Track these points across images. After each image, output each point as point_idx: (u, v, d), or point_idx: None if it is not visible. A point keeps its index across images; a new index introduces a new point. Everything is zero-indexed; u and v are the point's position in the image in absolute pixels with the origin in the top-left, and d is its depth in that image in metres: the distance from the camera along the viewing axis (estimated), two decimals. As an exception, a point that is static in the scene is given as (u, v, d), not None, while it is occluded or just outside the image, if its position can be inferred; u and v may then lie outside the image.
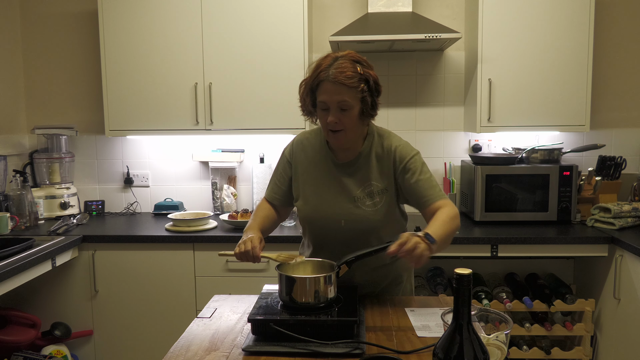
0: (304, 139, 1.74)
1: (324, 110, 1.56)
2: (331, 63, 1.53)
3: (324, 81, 1.52)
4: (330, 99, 1.52)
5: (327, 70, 1.52)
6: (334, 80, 1.50)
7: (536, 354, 2.67)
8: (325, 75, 1.51)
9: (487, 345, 0.97)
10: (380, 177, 1.64)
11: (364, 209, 1.63)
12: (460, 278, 0.91)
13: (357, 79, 1.52)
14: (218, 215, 3.09)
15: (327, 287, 1.41)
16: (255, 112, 2.88)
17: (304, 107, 1.63)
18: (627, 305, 2.46)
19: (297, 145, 1.74)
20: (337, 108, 1.53)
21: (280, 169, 1.76)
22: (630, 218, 2.70)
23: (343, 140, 1.59)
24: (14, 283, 2.22)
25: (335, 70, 1.51)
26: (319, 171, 1.68)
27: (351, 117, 1.55)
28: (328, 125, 1.56)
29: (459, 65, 3.14)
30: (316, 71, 1.54)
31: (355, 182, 1.64)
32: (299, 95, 1.63)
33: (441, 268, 2.99)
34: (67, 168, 3.20)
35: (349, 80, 1.50)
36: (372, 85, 1.57)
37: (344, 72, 1.51)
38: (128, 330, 2.75)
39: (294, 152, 1.74)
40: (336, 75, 1.50)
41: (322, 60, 1.56)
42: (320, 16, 3.16)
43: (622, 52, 3.07)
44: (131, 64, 2.89)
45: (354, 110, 1.54)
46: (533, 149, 2.91)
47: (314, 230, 1.72)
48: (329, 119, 1.54)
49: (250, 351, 1.31)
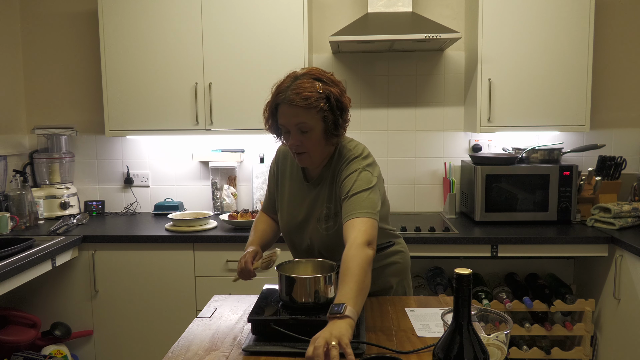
0: (284, 150, 1.74)
1: (286, 133, 1.53)
2: (290, 84, 1.48)
3: (281, 104, 1.48)
4: (289, 121, 1.48)
5: (285, 92, 1.47)
6: (290, 102, 1.45)
7: (536, 354, 2.67)
8: (283, 98, 1.47)
9: (487, 345, 0.97)
10: (332, 200, 1.59)
11: (322, 230, 1.61)
12: (460, 278, 0.91)
13: (315, 98, 1.45)
14: (218, 215, 3.09)
15: (327, 287, 1.41)
16: (255, 112, 2.88)
17: (270, 129, 1.59)
18: (627, 305, 2.46)
19: (280, 155, 1.76)
20: (297, 130, 1.49)
21: (269, 181, 1.80)
22: (630, 218, 2.70)
23: (308, 162, 1.55)
24: (14, 283, 2.22)
25: (291, 92, 1.45)
26: (292, 186, 1.69)
27: (312, 138, 1.49)
28: (291, 148, 1.53)
29: (459, 65, 3.14)
30: (275, 93, 1.51)
31: (319, 202, 1.61)
32: (263, 117, 1.58)
33: (441, 268, 2.99)
34: (67, 168, 3.20)
35: (305, 101, 1.44)
36: (334, 103, 1.48)
37: (300, 93, 1.45)
38: (128, 330, 2.75)
39: (278, 162, 1.75)
40: (291, 98, 1.45)
41: (282, 80, 1.52)
42: (320, 16, 3.16)
43: (622, 52, 3.07)
44: (131, 64, 2.89)
45: (315, 131, 1.48)
46: (533, 149, 2.91)
47: (288, 242, 1.76)
48: (290, 142, 1.51)
49: (250, 351, 1.31)
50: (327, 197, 1.60)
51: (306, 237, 1.66)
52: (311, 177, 1.65)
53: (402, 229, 2.68)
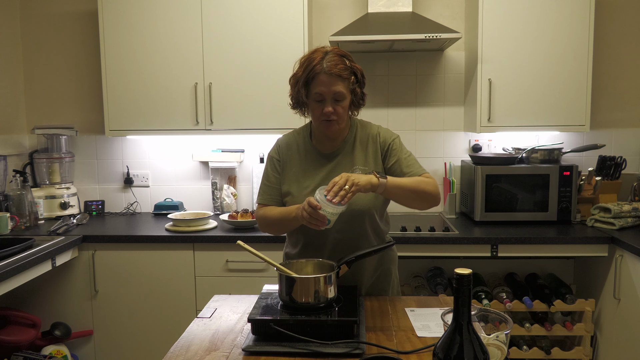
0: (286, 139, 1.80)
1: (318, 102, 1.62)
2: (323, 56, 1.60)
3: (320, 74, 1.59)
4: (327, 90, 1.59)
5: (321, 63, 1.59)
6: (329, 72, 1.58)
7: (536, 354, 2.67)
8: (321, 68, 1.58)
9: (487, 345, 0.97)
10: (365, 161, 1.71)
11: None
12: (460, 278, 0.91)
13: (348, 71, 1.61)
14: (218, 215, 3.09)
15: (327, 287, 1.41)
16: (255, 112, 2.88)
17: (297, 99, 1.69)
18: (627, 305, 2.46)
19: (282, 145, 1.79)
20: (331, 99, 1.60)
21: (269, 171, 1.78)
22: (630, 218, 2.70)
23: (336, 129, 1.66)
24: (14, 283, 2.22)
25: (329, 63, 1.59)
26: (306, 164, 1.73)
27: (344, 107, 1.63)
28: (323, 116, 1.62)
29: (459, 65, 3.14)
30: (310, 64, 1.60)
31: (341, 169, 1.68)
32: (291, 89, 1.69)
33: (441, 268, 2.99)
34: (67, 168, 3.20)
35: (342, 72, 1.59)
36: (360, 78, 1.66)
37: (337, 64, 1.59)
38: (128, 330, 2.75)
39: (280, 151, 1.78)
40: (331, 68, 1.58)
41: (312, 54, 1.63)
42: (320, 16, 3.16)
43: (622, 52, 3.07)
44: (131, 64, 2.89)
45: (346, 101, 1.63)
46: (533, 149, 2.91)
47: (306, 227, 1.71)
48: (326, 110, 1.60)
49: (250, 351, 1.31)
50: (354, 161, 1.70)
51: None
52: (326, 149, 1.73)
53: (402, 228, 2.68)
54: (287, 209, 1.68)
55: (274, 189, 1.76)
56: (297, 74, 1.65)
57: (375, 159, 1.71)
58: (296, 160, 1.74)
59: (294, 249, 1.79)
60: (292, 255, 1.78)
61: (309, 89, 1.62)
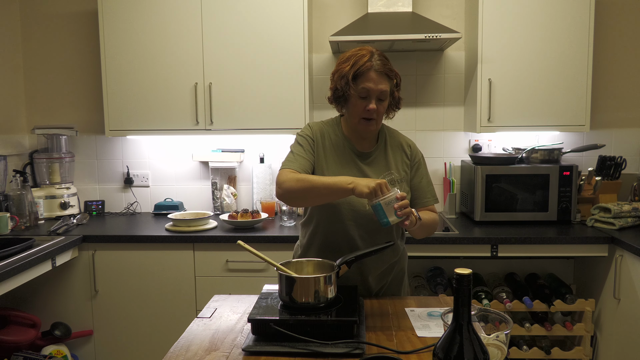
0: (319, 127, 1.75)
1: (362, 99, 1.62)
2: (371, 55, 1.62)
3: (370, 70, 1.60)
4: (375, 87, 1.60)
5: (371, 60, 1.60)
6: (379, 70, 1.60)
7: (536, 354, 2.67)
8: (371, 65, 1.60)
9: (487, 345, 0.97)
10: (397, 168, 1.73)
11: None
12: (460, 278, 0.91)
13: (394, 73, 1.65)
14: (218, 215, 3.09)
15: (327, 287, 1.41)
16: (255, 112, 2.88)
17: (340, 94, 1.66)
18: (627, 305, 2.46)
19: (316, 131, 1.74)
20: (376, 97, 1.62)
21: (304, 146, 1.69)
22: (630, 218, 2.70)
23: (373, 129, 1.66)
24: (14, 283, 2.22)
25: (378, 61, 1.60)
26: (340, 157, 1.72)
27: (384, 107, 1.65)
28: (364, 113, 1.63)
29: (459, 65, 3.14)
30: (361, 60, 1.60)
31: (376, 170, 1.71)
32: (333, 83, 1.68)
33: (441, 268, 2.99)
34: (67, 168, 3.20)
35: (391, 72, 1.63)
36: (399, 82, 1.69)
37: (385, 64, 1.62)
38: (128, 330, 2.75)
39: (314, 134, 1.73)
40: (380, 67, 1.60)
41: (359, 51, 1.64)
42: (320, 16, 3.16)
43: (622, 52, 3.07)
44: (131, 64, 2.89)
45: (387, 101, 1.65)
46: (533, 149, 2.91)
47: (331, 216, 1.68)
48: (370, 107, 1.61)
49: (250, 351, 1.31)
50: (389, 165, 1.72)
51: (348, 212, 1.66)
52: (360, 148, 1.73)
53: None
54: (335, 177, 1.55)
55: (307, 162, 1.67)
56: (343, 69, 1.63)
57: (404, 168, 1.74)
58: (330, 150, 1.71)
59: (311, 240, 1.75)
60: (308, 246, 1.75)
61: (355, 83, 1.61)
